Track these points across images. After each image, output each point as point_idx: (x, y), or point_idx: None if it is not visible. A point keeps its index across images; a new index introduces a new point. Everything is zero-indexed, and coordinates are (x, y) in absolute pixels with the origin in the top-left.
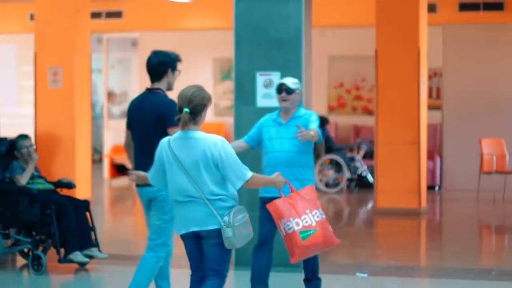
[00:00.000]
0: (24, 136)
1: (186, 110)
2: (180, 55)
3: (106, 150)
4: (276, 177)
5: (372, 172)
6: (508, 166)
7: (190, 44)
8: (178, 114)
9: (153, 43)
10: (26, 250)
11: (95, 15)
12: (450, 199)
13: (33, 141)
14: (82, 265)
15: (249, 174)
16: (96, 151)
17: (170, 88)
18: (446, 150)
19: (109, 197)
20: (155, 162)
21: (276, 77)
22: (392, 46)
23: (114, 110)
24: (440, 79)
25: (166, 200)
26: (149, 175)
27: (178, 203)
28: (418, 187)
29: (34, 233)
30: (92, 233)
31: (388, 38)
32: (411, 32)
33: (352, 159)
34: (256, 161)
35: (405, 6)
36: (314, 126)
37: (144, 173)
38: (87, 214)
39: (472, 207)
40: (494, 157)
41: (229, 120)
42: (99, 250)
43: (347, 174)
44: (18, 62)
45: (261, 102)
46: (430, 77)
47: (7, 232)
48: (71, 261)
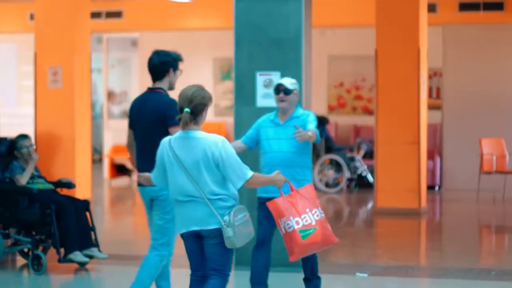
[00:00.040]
0: (24, 136)
1: (186, 110)
2: (181, 55)
3: (106, 150)
4: (276, 176)
5: (372, 172)
6: (508, 166)
7: (190, 44)
8: (179, 113)
9: (153, 43)
10: (26, 250)
11: (95, 15)
12: (450, 199)
13: (33, 141)
14: (82, 265)
15: (250, 173)
16: (96, 151)
17: (171, 87)
18: (446, 150)
19: (109, 197)
20: (156, 162)
21: (276, 77)
22: (392, 46)
23: (114, 110)
24: (440, 79)
25: (168, 200)
26: (152, 175)
27: (179, 203)
28: (418, 187)
29: (34, 233)
30: (92, 233)
31: (388, 38)
32: (411, 32)
33: (352, 159)
34: (256, 161)
35: (405, 6)
36: (312, 126)
37: (149, 174)
38: (87, 214)
39: (472, 207)
40: (494, 157)
41: (229, 120)
42: (99, 250)
43: (347, 174)
44: (18, 62)
45: (261, 102)
46: (430, 77)
47: (7, 232)
48: (71, 261)
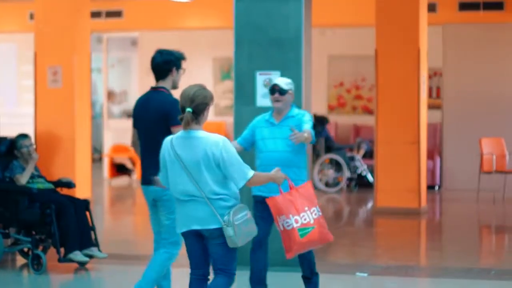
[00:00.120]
0: (24, 136)
1: (188, 109)
2: (184, 54)
3: (106, 149)
4: (276, 173)
5: (372, 172)
6: (508, 165)
7: (190, 44)
8: (181, 113)
9: (153, 42)
10: (26, 249)
11: (95, 15)
12: (450, 199)
13: (33, 140)
14: (82, 264)
15: (251, 173)
16: (96, 151)
17: (175, 86)
18: (446, 150)
19: (109, 196)
20: (160, 162)
21: (276, 76)
22: (392, 46)
23: (114, 109)
24: (440, 79)
25: (172, 199)
26: (160, 177)
27: (180, 202)
28: (418, 186)
29: (34, 233)
30: (92, 232)
31: (388, 38)
32: (411, 32)
33: (352, 159)
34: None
35: (405, 5)
36: (307, 126)
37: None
38: (87, 213)
39: (472, 206)
40: (494, 157)
41: (229, 120)
42: (99, 250)
43: (347, 174)
44: (18, 62)
45: (261, 102)
46: (430, 77)
47: (7, 231)
48: (71, 260)
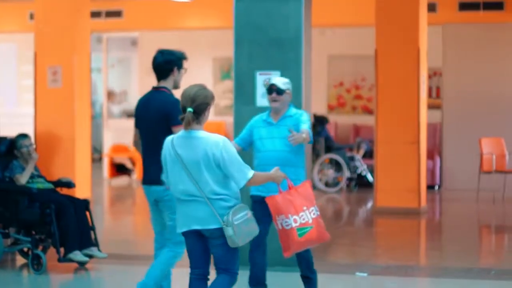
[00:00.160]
0: (24, 136)
1: (189, 109)
2: (185, 53)
3: (106, 149)
4: (275, 172)
5: (371, 172)
6: (508, 165)
7: (190, 44)
8: (182, 113)
9: (153, 42)
10: (26, 249)
11: (95, 15)
12: (449, 199)
13: (33, 140)
14: (81, 264)
15: (251, 173)
16: (96, 151)
17: (176, 86)
18: (446, 150)
19: (108, 196)
20: (163, 163)
21: (276, 77)
22: (392, 46)
23: (114, 109)
24: (440, 79)
25: (174, 199)
26: (163, 177)
27: (181, 201)
28: (417, 186)
29: (34, 233)
30: (92, 232)
31: (388, 38)
32: (411, 32)
33: (352, 159)
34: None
35: (405, 5)
36: (305, 126)
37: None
38: (87, 213)
39: (471, 206)
40: (494, 157)
41: (229, 120)
42: (98, 250)
43: (347, 174)
44: (18, 62)
45: (261, 102)
46: (430, 77)
47: (7, 231)
48: (71, 260)
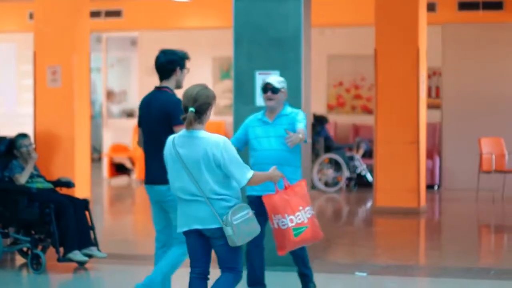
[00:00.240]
0: (23, 135)
1: (191, 109)
2: (188, 53)
3: (106, 149)
4: (273, 172)
5: (371, 171)
6: (507, 165)
7: (190, 43)
8: (184, 113)
9: (152, 42)
10: (25, 249)
11: (95, 14)
12: (449, 198)
13: (32, 140)
14: (81, 264)
15: (250, 173)
16: (96, 150)
17: (179, 86)
18: (446, 149)
19: (108, 196)
20: (165, 163)
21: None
22: (392, 45)
23: (114, 109)
24: (440, 78)
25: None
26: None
27: (182, 201)
28: (417, 186)
29: (33, 232)
30: (91, 232)
31: (388, 37)
32: (410, 31)
33: (352, 158)
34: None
35: (404, 5)
36: (301, 126)
37: None
38: (86, 213)
39: (471, 206)
40: (493, 156)
41: (229, 119)
42: (98, 249)
43: (346, 173)
44: (17, 61)
45: (260, 101)
46: (429, 76)
47: (6, 231)
48: (70, 260)
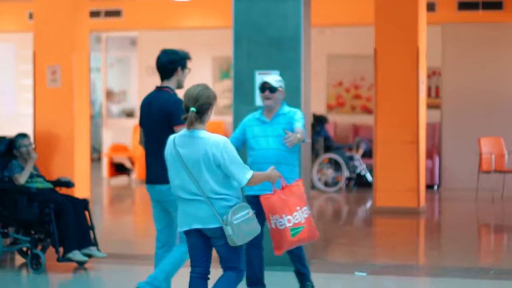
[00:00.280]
0: (23, 135)
1: (192, 109)
2: (189, 53)
3: (105, 149)
4: (272, 172)
5: (371, 171)
6: (507, 165)
7: (189, 43)
8: (184, 113)
9: (152, 42)
10: (25, 249)
11: (94, 14)
12: (449, 198)
13: (32, 140)
14: (81, 264)
15: (250, 173)
16: (95, 150)
17: (180, 86)
18: (445, 149)
19: (108, 196)
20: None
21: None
22: (391, 45)
23: (113, 109)
24: (439, 78)
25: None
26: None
27: (182, 200)
28: (417, 186)
29: (33, 232)
30: (91, 232)
31: (387, 37)
32: (410, 31)
33: (351, 158)
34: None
35: (404, 5)
36: (299, 125)
37: None
38: (86, 213)
39: (470, 206)
40: (493, 156)
41: (228, 119)
42: (98, 249)
43: (346, 173)
44: (17, 61)
45: (260, 101)
46: (429, 76)
47: (6, 231)
48: (70, 260)
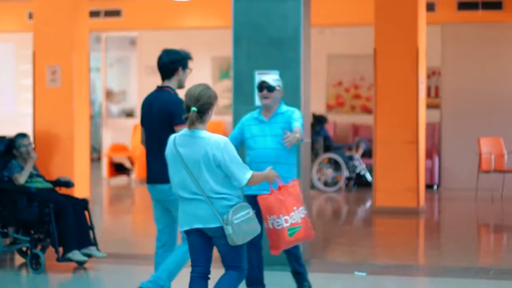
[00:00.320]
0: (22, 135)
1: (193, 109)
2: (190, 53)
3: (105, 149)
4: (270, 172)
5: (370, 171)
6: (507, 165)
7: (189, 43)
8: (185, 112)
9: (151, 42)
10: (24, 248)
11: (94, 14)
12: (448, 198)
13: (31, 139)
14: (80, 264)
15: (249, 174)
16: (95, 150)
17: (181, 86)
18: (445, 149)
19: (107, 196)
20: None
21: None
22: (391, 45)
23: (113, 109)
24: (439, 78)
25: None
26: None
27: (183, 199)
28: (416, 186)
29: (32, 232)
30: (91, 232)
31: (387, 37)
32: (409, 31)
33: (351, 158)
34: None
35: (404, 5)
36: (297, 124)
37: None
38: (86, 213)
39: (470, 206)
40: (493, 156)
41: (228, 119)
42: (97, 249)
43: (346, 173)
44: (16, 61)
45: (260, 101)
46: (428, 76)
47: (6, 230)
48: (70, 260)
